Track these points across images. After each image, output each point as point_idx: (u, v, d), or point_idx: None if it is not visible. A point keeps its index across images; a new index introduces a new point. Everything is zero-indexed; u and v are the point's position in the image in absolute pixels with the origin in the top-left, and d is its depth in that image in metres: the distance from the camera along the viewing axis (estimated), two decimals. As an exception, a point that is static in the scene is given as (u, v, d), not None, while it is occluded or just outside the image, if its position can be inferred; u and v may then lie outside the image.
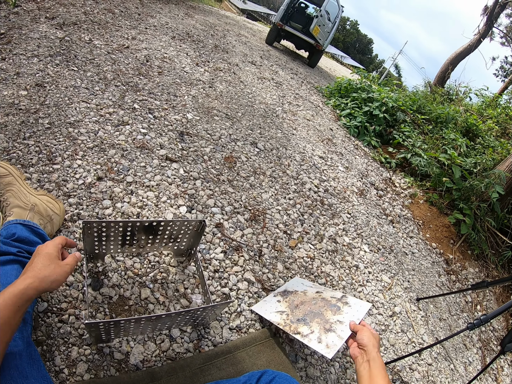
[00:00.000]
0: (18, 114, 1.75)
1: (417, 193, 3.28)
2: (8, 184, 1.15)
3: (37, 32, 2.66)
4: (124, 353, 1.04)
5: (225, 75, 3.73)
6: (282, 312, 1.29)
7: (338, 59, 30.01)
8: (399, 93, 5.73)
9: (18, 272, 0.90)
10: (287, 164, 2.52)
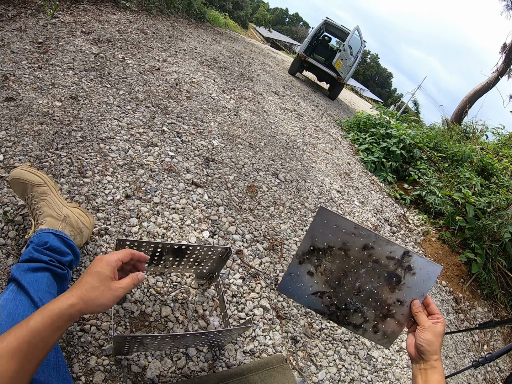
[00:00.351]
0: (52, 124, 1.86)
1: (430, 231, 3.32)
2: (43, 193, 1.21)
3: (73, 45, 2.84)
4: (142, 367, 1.09)
5: (249, 104, 3.88)
6: (322, 293, 0.97)
7: (357, 92, 30.73)
8: (417, 129, 5.86)
9: (49, 280, 0.96)
10: (305, 197, 2.59)
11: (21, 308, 0.85)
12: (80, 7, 3.87)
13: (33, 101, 1.97)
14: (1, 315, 0.81)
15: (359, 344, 1.67)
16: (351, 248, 0.95)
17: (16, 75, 2.13)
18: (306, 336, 1.54)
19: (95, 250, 1.35)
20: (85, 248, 1.34)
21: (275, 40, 30.63)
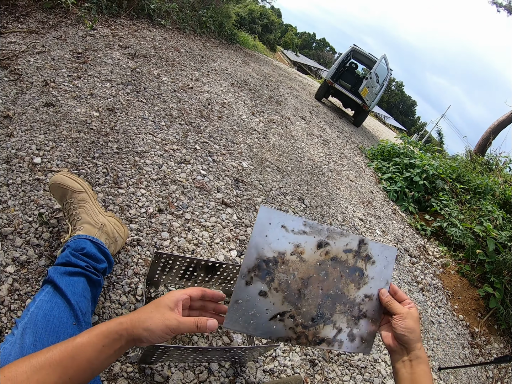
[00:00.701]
0: (89, 133, 1.95)
1: (450, 263, 3.32)
2: (82, 200, 1.27)
3: (111, 58, 2.99)
4: (164, 377, 1.12)
5: (277, 127, 3.97)
6: (282, 315, 0.82)
7: (381, 119, 30.88)
8: (440, 160, 5.88)
9: (84, 285, 1.00)
10: (329, 223, 2.63)
11: (57, 310, 0.88)
12: (117, 21, 4.08)
13: (71, 109, 2.07)
14: (38, 316, 0.84)
15: (375, 372, 1.67)
16: (305, 249, 0.85)
17: (56, 82, 2.25)
18: (324, 360, 1.55)
19: (126, 260, 1.40)
20: (117, 257, 1.39)
21: (301, 64, 31.24)
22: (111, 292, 1.27)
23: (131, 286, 1.33)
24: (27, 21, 2.86)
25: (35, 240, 1.29)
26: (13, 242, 1.26)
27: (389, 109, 68.81)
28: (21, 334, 0.80)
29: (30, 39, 2.62)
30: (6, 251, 1.22)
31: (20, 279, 1.16)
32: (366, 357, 1.71)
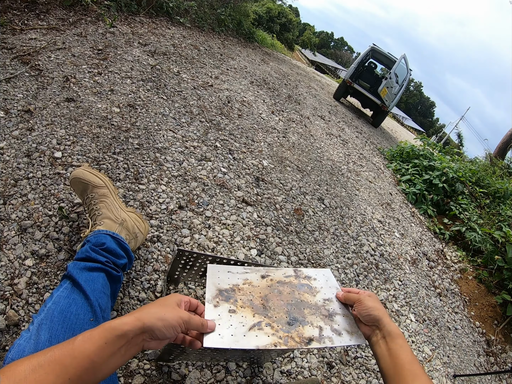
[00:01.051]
0: (110, 129, 1.94)
1: (467, 269, 3.24)
2: (103, 195, 1.26)
3: (131, 55, 2.99)
4: (182, 375, 1.10)
5: (297, 126, 3.92)
6: (259, 324, 0.88)
7: (399, 120, 30.46)
8: (459, 162, 5.76)
9: (104, 281, 0.98)
10: (348, 224, 2.57)
11: (74, 306, 0.85)
12: (137, 19, 4.09)
13: (92, 105, 2.07)
14: (54, 312, 0.82)
15: None
16: (252, 281, 1.00)
17: (77, 77, 2.26)
18: (341, 363, 1.52)
19: (146, 256, 1.38)
20: (137, 253, 1.37)
21: (319, 64, 31.05)
22: (130, 288, 1.25)
23: (151, 283, 1.30)
24: (47, 18, 2.89)
25: (55, 234, 1.28)
26: (32, 236, 1.25)
27: (408, 110, 68.04)
28: (36, 330, 0.78)
29: (51, 36, 2.64)
30: (25, 244, 1.22)
31: (38, 272, 1.15)
32: None
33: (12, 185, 1.40)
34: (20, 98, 1.85)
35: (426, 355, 1.93)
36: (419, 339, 2.01)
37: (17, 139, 1.61)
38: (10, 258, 1.17)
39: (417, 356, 1.86)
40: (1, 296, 1.05)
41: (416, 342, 1.97)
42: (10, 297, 1.05)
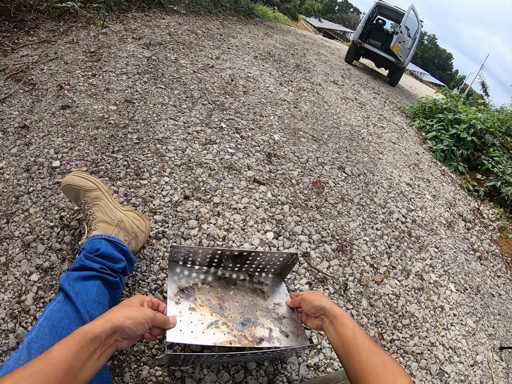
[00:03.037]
0: (108, 128, 1.87)
1: (507, 226, 2.99)
2: (96, 198, 1.18)
3: (125, 51, 2.89)
4: (196, 380, 1.02)
5: (308, 95, 3.74)
6: (216, 322, 0.96)
7: (417, 76, 29.13)
8: (486, 113, 5.36)
9: (99, 289, 0.92)
10: (374, 191, 2.40)
11: (66, 320, 0.82)
12: (129, 16, 3.99)
13: (88, 107, 2.00)
14: (45, 329, 0.79)
15: (432, 358, 1.48)
16: (210, 281, 1.11)
17: (71, 84, 2.20)
18: None
19: (152, 255, 1.30)
20: (142, 252, 1.30)
21: (327, 30, 30.01)
22: (136, 291, 1.18)
23: (158, 283, 1.22)
24: (37, 33, 2.85)
25: (57, 245, 1.25)
26: (35, 250, 1.23)
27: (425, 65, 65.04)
28: (26, 349, 0.74)
29: (42, 49, 2.60)
30: (30, 260, 1.19)
31: (44, 286, 1.13)
32: (422, 342, 1.52)
33: (14, 203, 1.37)
34: (16, 116, 1.83)
35: (470, 328, 1.78)
36: (461, 311, 1.85)
37: (16, 156, 1.58)
38: (16, 275, 1.15)
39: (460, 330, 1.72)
40: (10, 315, 1.04)
41: (458, 314, 1.81)
42: (18, 314, 1.04)
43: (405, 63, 7.74)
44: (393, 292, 1.68)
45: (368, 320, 1.48)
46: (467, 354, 1.62)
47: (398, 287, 1.73)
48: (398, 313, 1.59)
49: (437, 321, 1.68)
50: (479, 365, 1.60)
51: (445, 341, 1.60)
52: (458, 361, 1.55)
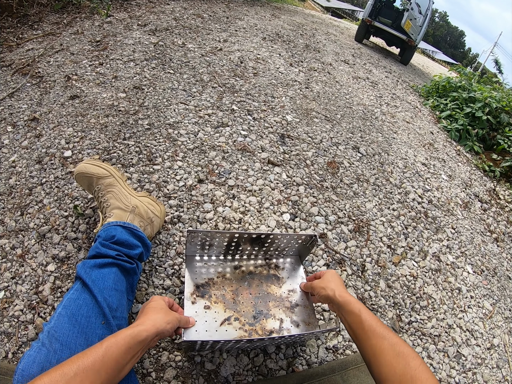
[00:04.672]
0: (118, 115, 1.84)
1: None
2: (109, 185, 1.16)
3: (131, 39, 2.85)
4: (216, 364, 1.01)
5: (319, 75, 3.64)
6: (229, 319, 1.00)
7: (429, 55, 28.37)
8: (501, 91, 5.17)
9: (116, 276, 0.91)
10: (390, 171, 2.34)
11: (85, 308, 0.82)
12: (133, 3, 3.93)
13: (97, 96, 1.98)
14: (64, 318, 0.79)
15: (449, 340, 1.44)
16: (226, 273, 1.12)
17: (78, 74, 2.17)
18: (394, 330, 1.35)
19: (168, 240, 1.28)
20: (157, 238, 1.27)
21: (335, 9, 29.30)
22: (154, 277, 1.16)
23: (175, 268, 1.20)
24: (41, 26, 2.83)
25: (73, 234, 1.23)
26: (51, 240, 1.22)
27: (436, 43, 63.51)
28: (47, 339, 0.74)
29: (47, 42, 2.58)
30: (46, 250, 1.19)
31: (61, 276, 1.13)
32: (440, 324, 1.49)
33: (27, 195, 1.37)
34: (25, 109, 1.82)
35: (487, 311, 1.73)
36: (478, 293, 1.81)
37: (27, 149, 1.57)
38: (33, 266, 1.14)
39: (477, 313, 1.68)
40: (29, 306, 1.04)
41: (475, 297, 1.77)
42: (36, 305, 1.05)
43: (416, 41, 7.50)
44: (411, 274, 1.66)
45: (386, 302, 1.45)
46: (484, 337, 1.60)
47: (415, 269, 1.71)
48: (416, 295, 1.57)
49: (454, 303, 1.65)
50: (495, 348, 1.58)
51: (462, 324, 1.58)
52: (475, 344, 1.53)
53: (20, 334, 0.97)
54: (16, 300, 1.04)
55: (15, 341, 0.95)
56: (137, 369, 0.94)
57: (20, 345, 0.94)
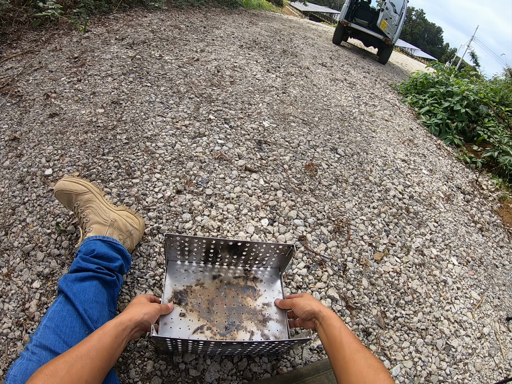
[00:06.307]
0: (97, 131, 1.87)
1: (507, 196, 2.96)
2: (88, 201, 1.20)
3: (109, 53, 2.87)
4: (200, 370, 1.03)
5: (297, 79, 3.71)
6: (201, 328, 1.03)
7: (408, 53, 28.82)
8: (479, 84, 5.30)
9: (96, 289, 0.94)
10: (369, 170, 2.39)
11: (69, 319, 0.85)
12: (110, 17, 3.95)
13: (76, 113, 2.00)
14: (50, 329, 0.83)
15: (437, 333, 1.47)
16: (205, 281, 1.16)
17: (57, 91, 2.19)
18: (379, 327, 1.37)
19: (148, 251, 1.31)
20: (138, 250, 1.31)
21: (313, 13, 29.57)
22: (136, 288, 1.19)
23: (156, 279, 1.23)
24: (20, 44, 2.83)
25: (56, 251, 1.26)
26: (35, 258, 1.24)
27: (414, 40, 64.56)
28: (36, 348, 0.78)
29: (26, 60, 2.58)
30: (30, 268, 1.21)
31: (46, 292, 1.15)
32: (426, 317, 1.51)
33: (11, 214, 1.38)
34: (5, 129, 1.83)
35: (474, 301, 1.76)
36: (465, 283, 1.84)
37: (9, 169, 1.59)
38: (19, 284, 1.16)
39: (465, 303, 1.71)
40: (17, 323, 1.06)
41: (462, 288, 1.80)
42: (24, 322, 1.06)
43: (393, 40, 7.63)
44: (394, 270, 1.68)
45: (370, 300, 1.47)
46: (474, 327, 1.61)
47: (398, 264, 1.73)
48: (400, 290, 1.59)
49: (441, 295, 1.68)
50: (486, 337, 1.60)
51: (450, 315, 1.60)
52: (465, 334, 1.55)
53: (9, 351, 0.98)
54: (4, 318, 1.05)
55: (5, 358, 0.96)
56: (123, 380, 0.96)
57: (10, 361, 0.96)
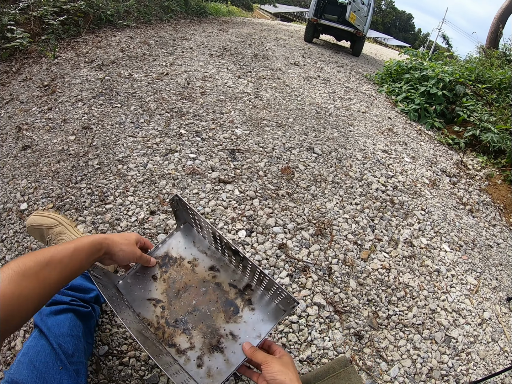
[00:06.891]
0: (69, 159, 1.86)
1: (493, 173, 2.94)
2: (59, 233, 1.20)
3: (79, 77, 2.86)
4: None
5: (269, 82, 3.71)
6: (157, 301, 0.95)
7: (382, 42, 29.09)
8: (453, 64, 5.34)
9: (71, 322, 0.92)
10: (349, 166, 2.37)
11: (43, 354, 0.83)
12: (79, 40, 3.94)
13: (47, 143, 1.99)
14: (23, 364, 0.81)
15: (435, 326, 1.44)
16: (199, 264, 1.04)
17: (28, 123, 2.18)
18: (372, 329, 1.34)
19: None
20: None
21: (283, 14, 29.85)
22: (116, 316, 1.18)
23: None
24: (-11, 77, 2.80)
25: None
26: None
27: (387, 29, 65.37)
28: None
29: (-3, 93, 2.56)
30: None
31: (30, 328, 1.15)
32: (421, 311, 1.47)
33: None
34: (-21, 168, 1.82)
35: (471, 286, 1.72)
36: (460, 269, 1.80)
37: (-15, 208, 1.58)
38: None
39: (461, 290, 1.67)
40: (4, 362, 1.06)
41: (457, 274, 1.76)
42: (11, 360, 1.06)
43: (364, 31, 7.71)
44: (383, 266, 1.64)
45: (360, 301, 1.43)
46: (473, 313, 1.58)
47: (387, 260, 1.69)
48: (391, 287, 1.55)
49: (435, 286, 1.64)
50: (487, 322, 1.56)
51: (447, 305, 1.56)
52: (464, 322, 1.51)
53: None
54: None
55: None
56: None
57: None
